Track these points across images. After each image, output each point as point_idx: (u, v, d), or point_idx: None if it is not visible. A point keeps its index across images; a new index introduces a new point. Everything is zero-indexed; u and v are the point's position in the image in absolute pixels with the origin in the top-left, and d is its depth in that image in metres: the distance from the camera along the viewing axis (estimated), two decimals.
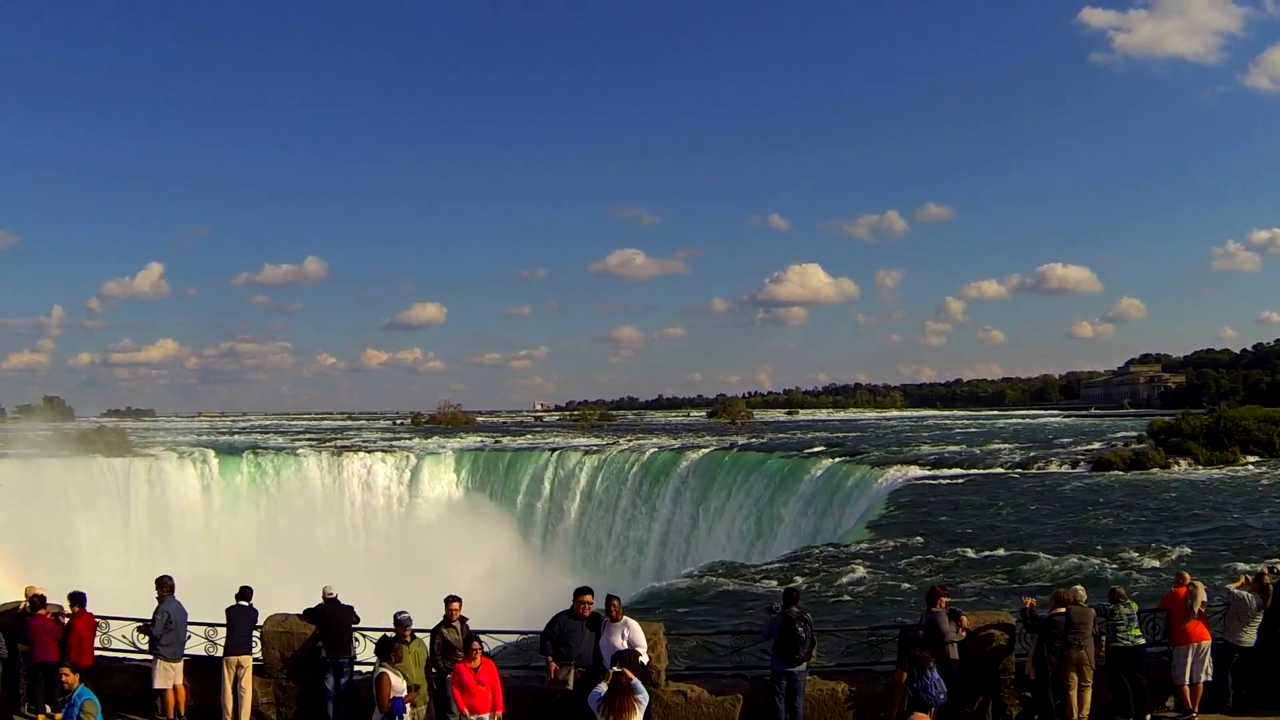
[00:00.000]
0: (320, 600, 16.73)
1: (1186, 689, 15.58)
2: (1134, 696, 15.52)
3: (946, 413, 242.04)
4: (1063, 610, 15.51)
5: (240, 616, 16.63)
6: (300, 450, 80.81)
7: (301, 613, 16.81)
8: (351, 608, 16.64)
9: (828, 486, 57.34)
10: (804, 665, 15.30)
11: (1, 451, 74.41)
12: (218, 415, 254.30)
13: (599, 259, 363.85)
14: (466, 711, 13.58)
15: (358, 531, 72.09)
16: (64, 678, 13.71)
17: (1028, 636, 15.87)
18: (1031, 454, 67.67)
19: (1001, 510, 44.09)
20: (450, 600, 15.64)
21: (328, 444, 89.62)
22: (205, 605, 17.72)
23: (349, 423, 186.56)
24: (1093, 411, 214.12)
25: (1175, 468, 58.28)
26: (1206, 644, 15.60)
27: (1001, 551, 34.51)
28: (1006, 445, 78.93)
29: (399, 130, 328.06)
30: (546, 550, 68.49)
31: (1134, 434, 77.42)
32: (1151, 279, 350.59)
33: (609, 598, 15.40)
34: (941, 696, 14.08)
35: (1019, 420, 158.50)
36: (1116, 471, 56.82)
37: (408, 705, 13.69)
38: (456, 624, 15.43)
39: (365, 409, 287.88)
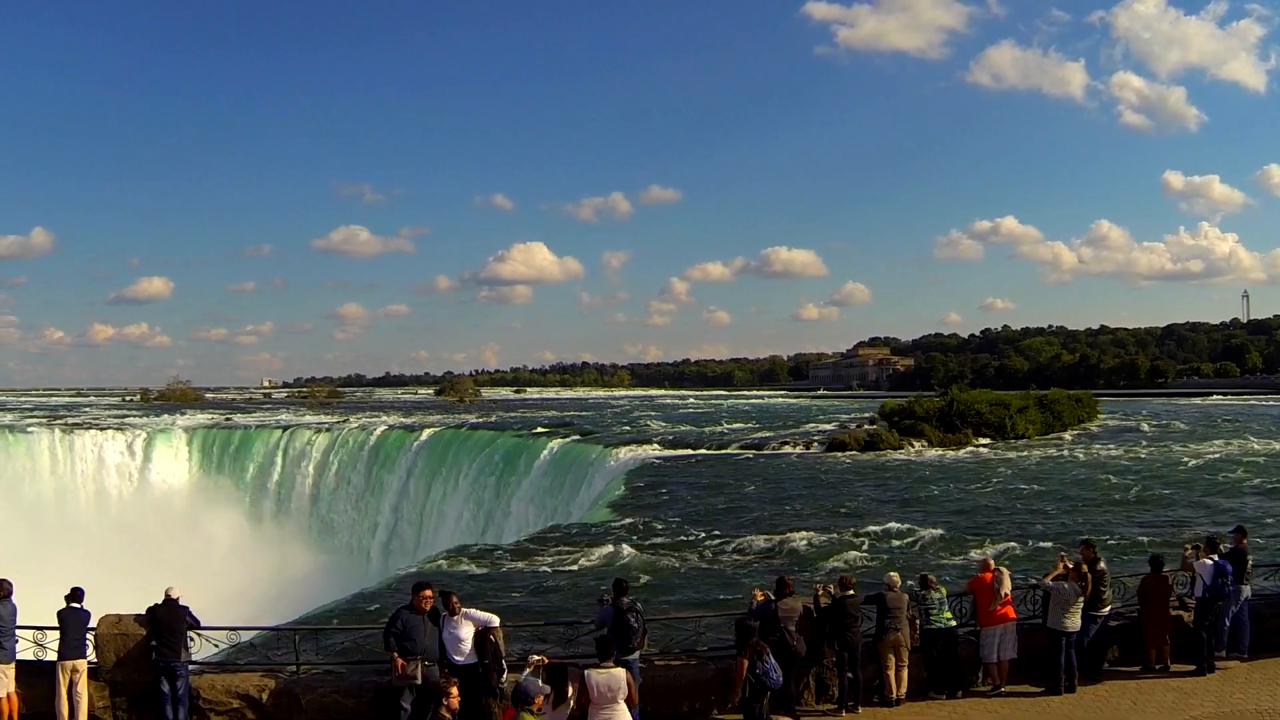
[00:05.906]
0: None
1: (994, 665, 16.61)
2: (948, 673, 16.49)
3: (676, 392, 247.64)
4: (851, 593, 16.12)
5: (74, 619, 15.33)
6: (31, 428, 77.89)
7: (138, 615, 15.62)
8: (187, 608, 15.54)
9: (563, 465, 57.23)
10: (637, 654, 15.43)
11: None
12: None
13: (322, 235, 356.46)
14: None
15: (90, 511, 68.94)
16: None
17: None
18: (765, 434, 69.43)
19: (742, 490, 44.58)
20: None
21: (58, 421, 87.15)
22: None
23: (78, 399, 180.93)
24: (821, 392, 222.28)
25: (909, 449, 59.80)
26: (1012, 624, 16.68)
27: (750, 533, 33.95)
28: (740, 425, 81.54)
29: (130, 105, 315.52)
30: (281, 530, 67.16)
31: (866, 415, 79.60)
32: (877, 264, 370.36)
33: (445, 594, 15.25)
34: (779, 679, 14.50)
35: (749, 400, 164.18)
36: (852, 452, 58.03)
37: None
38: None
39: (93, 384, 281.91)
